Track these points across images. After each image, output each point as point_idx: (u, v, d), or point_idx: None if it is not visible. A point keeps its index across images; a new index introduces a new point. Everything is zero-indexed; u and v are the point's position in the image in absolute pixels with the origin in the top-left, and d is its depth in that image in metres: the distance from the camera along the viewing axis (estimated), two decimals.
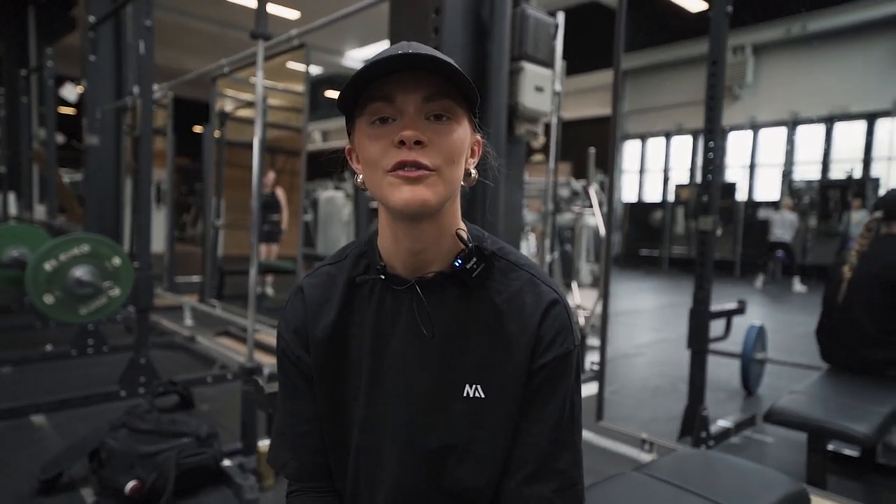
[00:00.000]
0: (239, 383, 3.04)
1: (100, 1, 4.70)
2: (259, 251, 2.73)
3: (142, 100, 2.97)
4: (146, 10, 2.88)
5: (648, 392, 3.47)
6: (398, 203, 0.62)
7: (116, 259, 3.01)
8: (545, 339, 0.70)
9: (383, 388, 0.72)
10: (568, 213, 7.16)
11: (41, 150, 6.06)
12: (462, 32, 2.21)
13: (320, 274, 0.77)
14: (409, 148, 0.62)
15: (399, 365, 0.71)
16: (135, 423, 2.04)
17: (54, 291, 2.85)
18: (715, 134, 2.39)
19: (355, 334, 0.73)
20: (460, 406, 0.70)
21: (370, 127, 0.65)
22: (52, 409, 2.78)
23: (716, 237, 2.50)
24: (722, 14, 2.31)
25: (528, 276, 0.72)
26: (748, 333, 3.29)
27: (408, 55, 0.60)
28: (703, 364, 2.46)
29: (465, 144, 0.67)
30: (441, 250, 0.70)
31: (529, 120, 2.66)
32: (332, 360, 0.74)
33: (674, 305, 7.24)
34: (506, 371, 0.69)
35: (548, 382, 0.70)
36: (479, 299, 0.71)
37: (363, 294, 0.74)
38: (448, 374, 0.70)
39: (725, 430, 2.61)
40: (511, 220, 2.72)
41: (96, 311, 2.98)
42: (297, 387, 0.76)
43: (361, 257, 0.76)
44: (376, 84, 0.63)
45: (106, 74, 4.82)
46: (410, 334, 0.71)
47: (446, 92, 0.64)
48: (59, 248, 2.90)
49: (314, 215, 8.24)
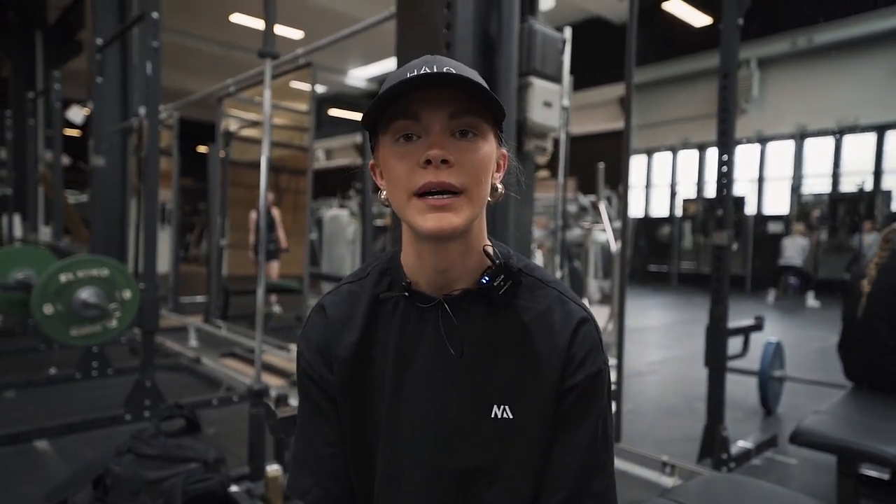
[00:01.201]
0: (245, 406, 3.01)
1: (106, 24, 4.79)
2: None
3: (148, 120, 2.98)
4: (153, 31, 2.91)
5: (663, 411, 3.41)
6: (424, 230, 0.62)
7: (128, 292, 3.02)
8: (576, 358, 0.68)
9: (407, 409, 0.70)
10: (577, 229, 7.14)
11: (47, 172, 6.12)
12: (472, 48, 2.21)
13: (342, 292, 0.76)
14: (436, 167, 0.61)
15: (424, 385, 0.70)
16: (140, 448, 2.01)
17: (56, 304, 2.84)
18: (729, 147, 2.38)
19: (379, 353, 0.72)
20: (488, 427, 0.68)
21: (394, 145, 0.64)
22: (56, 434, 2.75)
23: (731, 252, 2.47)
24: (733, 26, 2.31)
25: (556, 293, 0.71)
26: (765, 350, 3.24)
27: (440, 74, 0.60)
28: (721, 382, 2.42)
29: (491, 161, 0.66)
30: (467, 268, 0.69)
31: (538, 135, 2.65)
32: (355, 379, 0.72)
33: (685, 322, 7.18)
34: (535, 391, 0.68)
35: (580, 403, 0.69)
36: (507, 317, 0.70)
37: (387, 312, 0.73)
38: (475, 394, 0.69)
39: (746, 452, 2.55)
40: (521, 237, 2.70)
41: (87, 336, 2.97)
42: (321, 408, 0.74)
43: (384, 274, 0.75)
44: (401, 101, 0.62)
45: (112, 96, 4.87)
46: (436, 353, 0.69)
47: (471, 108, 0.63)
48: (79, 264, 2.91)
49: (319, 234, 8.25)
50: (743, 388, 3.57)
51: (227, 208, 5.71)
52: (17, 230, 7.28)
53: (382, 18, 2.89)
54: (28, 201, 6.82)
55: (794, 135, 10.34)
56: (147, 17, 2.91)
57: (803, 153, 10.43)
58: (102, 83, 4.05)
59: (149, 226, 3.00)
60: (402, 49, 2.42)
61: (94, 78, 4.07)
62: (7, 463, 2.46)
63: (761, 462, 2.60)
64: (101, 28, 4.75)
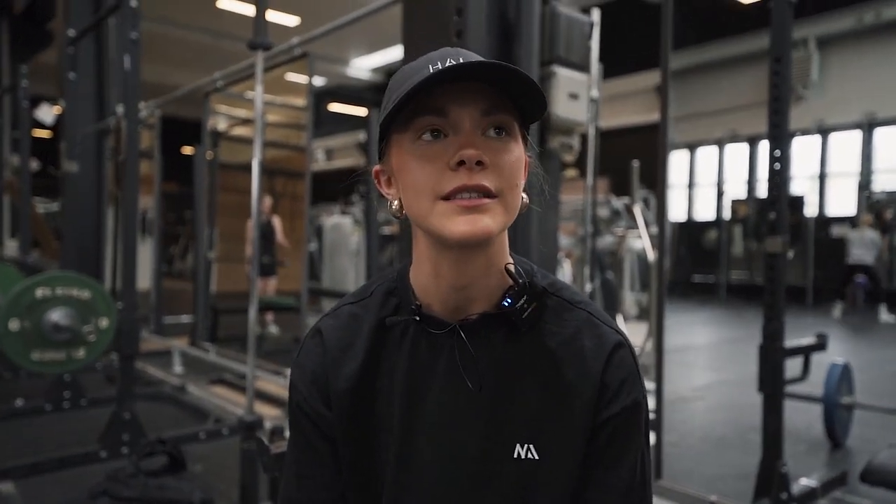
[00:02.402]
0: (237, 440, 3.03)
1: (80, 13, 4.88)
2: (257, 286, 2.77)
3: (127, 120, 3.04)
4: (132, 21, 2.97)
5: (712, 444, 3.37)
6: (454, 235, 0.61)
7: (105, 321, 3.08)
8: (611, 388, 0.68)
9: (418, 450, 0.70)
10: (609, 235, 7.12)
11: (14, 178, 6.25)
12: (486, 36, 2.23)
13: (342, 314, 0.76)
14: (470, 169, 0.61)
15: (437, 422, 0.69)
16: (118, 490, 2.04)
17: (24, 321, 2.90)
18: (782, 141, 2.36)
19: (384, 386, 0.72)
20: (511, 469, 0.68)
21: (416, 144, 0.63)
22: (22, 475, 2.76)
23: (786, 261, 2.45)
24: (785, 4, 2.30)
25: (586, 315, 0.71)
26: (830, 373, 3.20)
27: (480, 63, 0.59)
28: (778, 410, 2.39)
29: (523, 164, 0.66)
30: (488, 287, 0.69)
31: (563, 131, 2.66)
32: (356, 415, 0.72)
33: (735, 340, 7.11)
34: (564, 426, 0.68)
35: (616, 439, 0.68)
36: (531, 344, 0.69)
37: (394, 338, 0.72)
38: (496, 432, 0.68)
39: (811, 491, 2.52)
40: (546, 247, 2.70)
41: (48, 363, 3.03)
42: (315, 448, 0.74)
43: (390, 295, 0.74)
44: (423, 96, 0.61)
45: (86, 93, 4.96)
46: (450, 386, 0.69)
47: (503, 105, 0.63)
48: (60, 280, 2.98)
49: (319, 244, 8.32)
50: (806, 416, 3.52)
51: (216, 217, 5.79)
52: None
53: (387, 2, 2.92)
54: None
55: (860, 124, 10.22)
56: (125, 6, 2.97)
57: (872, 144, 10.30)
58: (76, 79, 4.13)
59: (128, 237, 3.05)
60: (409, 36, 2.45)
61: (66, 73, 4.16)
62: None
63: (828, 503, 2.56)
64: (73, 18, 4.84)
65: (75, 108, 4.29)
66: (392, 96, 0.65)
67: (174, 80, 11.42)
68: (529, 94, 0.62)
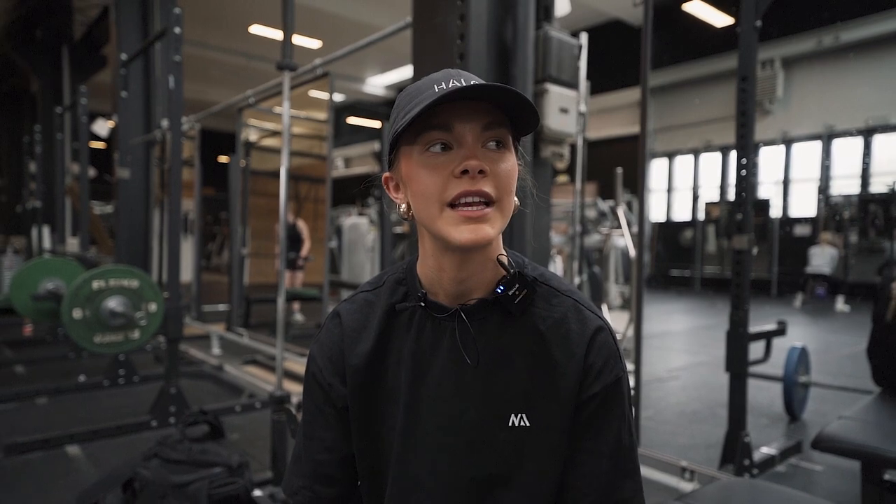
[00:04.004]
0: (267, 412, 3.07)
1: (130, 39, 4.94)
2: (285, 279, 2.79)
3: (171, 132, 3.07)
4: (175, 46, 3.00)
5: (685, 417, 3.38)
6: (459, 242, 0.63)
7: (153, 305, 3.12)
8: (594, 368, 0.69)
9: (422, 418, 0.71)
10: (596, 234, 7.11)
11: (74, 184, 6.30)
12: (486, 57, 2.25)
13: (358, 300, 0.77)
14: (472, 177, 0.62)
15: (439, 394, 0.70)
16: (167, 453, 2.07)
17: (86, 310, 2.95)
18: (748, 151, 2.38)
19: (393, 363, 0.73)
20: (505, 435, 0.69)
21: (424, 156, 0.64)
22: (85, 440, 2.83)
23: (752, 256, 2.46)
24: (751, 29, 2.31)
25: (572, 301, 0.72)
26: (790, 355, 3.21)
27: (485, 86, 0.61)
28: (743, 388, 2.41)
29: (516, 172, 0.68)
30: (485, 278, 0.70)
31: (555, 142, 2.68)
32: (368, 388, 0.73)
33: (708, 327, 7.09)
34: (551, 399, 0.69)
35: (601, 411, 0.69)
36: (522, 326, 0.70)
37: (402, 322, 0.73)
38: (492, 403, 0.69)
39: (770, 458, 2.53)
40: (539, 244, 2.72)
41: (109, 345, 3.07)
42: (324, 413, 0.76)
43: (399, 284, 0.76)
44: (431, 112, 0.62)
45: (136, 109, 5.02)
46: (451, 363, 0.70)
47: (500, 120, 0.65)
48: (111, 273, 3.02)
49: (339, 242, 8.34)
50: (768, 394, 3.53)
51: (248, 217, 5.82)
52: (46, 241, 7.50)
53: (399, 28, 2.94)
54: (56, 213, 7.03)
55: (820, 135, 10.16)
56: (169, 32, 3.00)
57: (831, 154, 10.24)
58: (127, 97, 4.18)
59: (172, 235, 3.09)
60: (418, 58, 2.47)
61: (118, 92, 4.20)
62: (41, 467, 2.55)
63: (785, 468, 2.57)
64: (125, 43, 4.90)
65: (127, 122, 4.34)
66: (401, 113, 0.66)
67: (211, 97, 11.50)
68: (525, 111, 0.64)
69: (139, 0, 5.20)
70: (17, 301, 3.72)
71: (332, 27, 9.52)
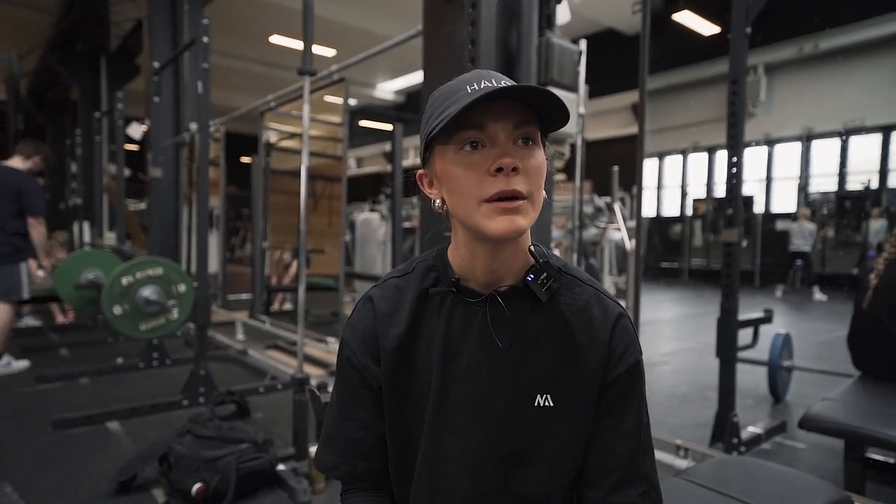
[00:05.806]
0: (289, 393, 3.06)
1: (162, 49, 4.92)
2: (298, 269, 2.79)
3: (200, 135, 3.06)
4: (203, 54, 2.98)
5: (676, 399, 3.37)
6: (495, 233, 0.62)
7: (182, 286, 3.12)
8: (616, 352, 0.69)
9: (453, 397, 0.70)
10: (593, 228, 7.07)
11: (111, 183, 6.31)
12: (494, 62, 2.22)
13: (388, 286, 0.76)
14: (507, 175, 0.61)
15: (469, 375, 0.69)
16: (198, 430, 2.07)
17: (124, 304, 2.96)
18: (738, 150, 2.34)
19: (423, 345, 0.72)
20: (531, 415, 0.68)
21: (459, 154, 0.63)
22: (124, 417, 2.85)
23: (741, 248, 2.43)
24: (741, 35, 2.27)
25: (593, 290, 0.72)
26: (774, 341, 3.18)
27: (523, 87, 0.60)
28: (732, 372, 2.39)
29: (545, 167, 0.66)
30: (515, 267, 0.69)
31: (556, 141, 2.64)
32: (400, 369, 0.72)
33: (696, 315, 7.06)
34: (575, 381, 0.68)
35: (623, 392, 0.69)
36: (549, 312, 0.70)
37: (433, 306, 0.72)
38: (520, 384, 0.69)
39: (756, 436, 2.52)
40: (541, 238, 2.70)
41: (154, 329, 3.09)
42: (359, 394, 0.74)
43: (430, 270, 0.74)
44: (463, 112, 0.60)
45: (167, 113, 5.00)
46: (482, 346, 0.69)
47: (530, 118, 0.63)
48: (136, 266, 3.03)
49: (352, 236, 8.33)
50: (753, 377, 3.50)
51: (269, 213, 5.81)
52: (86, 235, 7.55)
53: (409, 36, 2.90)
54: (95, 209, 7.06)
55: (801, 137, 10.06)
56: (198, 42, 2.99)
57: (810, 154, 10.15)
58: (159, 102, 4.16)
59: (200, 230, 3.08)
60: (429, 64, 2.44)
61: (151, 98, 4.20)
62: (84, 441, 2.58)
63: (771, 446, 2.56)
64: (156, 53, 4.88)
65: (158, 125, 4.33)
66: (435, 113, 0.64)
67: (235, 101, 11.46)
68: (557, 111, 0.63)
69: (169, 13, 5.17)
70: (62, 289, 3.74)
71: (345, 36, 9.48)
